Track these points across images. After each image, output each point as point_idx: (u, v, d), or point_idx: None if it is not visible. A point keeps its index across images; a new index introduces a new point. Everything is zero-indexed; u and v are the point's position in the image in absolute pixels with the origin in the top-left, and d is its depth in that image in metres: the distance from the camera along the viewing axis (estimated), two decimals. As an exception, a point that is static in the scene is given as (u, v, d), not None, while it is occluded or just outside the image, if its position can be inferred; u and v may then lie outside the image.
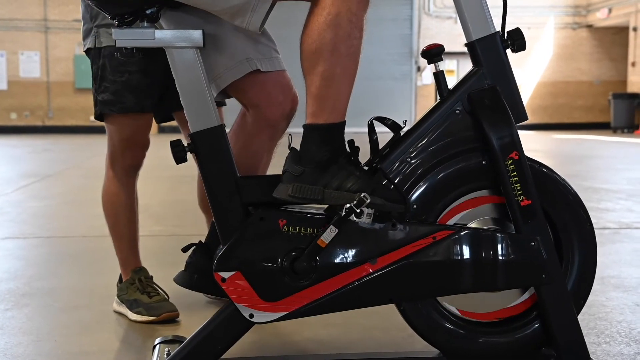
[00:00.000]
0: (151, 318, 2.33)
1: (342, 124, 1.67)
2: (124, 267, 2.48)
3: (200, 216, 2.60)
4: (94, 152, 11.40)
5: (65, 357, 2.05)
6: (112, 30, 1.69)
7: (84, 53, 2.43)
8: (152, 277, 2.49)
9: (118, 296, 2.46)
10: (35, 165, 9.08)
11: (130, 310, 2.38)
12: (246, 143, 2.04)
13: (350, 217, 1.64)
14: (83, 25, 2.38)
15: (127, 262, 2.47)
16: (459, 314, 1.82)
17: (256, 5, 1.64)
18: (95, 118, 2.41)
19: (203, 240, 1.93)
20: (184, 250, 1.90)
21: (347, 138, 1.72)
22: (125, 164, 2.41)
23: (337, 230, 1.66)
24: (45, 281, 2.96)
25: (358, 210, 1.63)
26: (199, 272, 1.85)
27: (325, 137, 1.65)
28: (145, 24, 1.68)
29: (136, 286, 2.41)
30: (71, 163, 9.23)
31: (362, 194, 1.63)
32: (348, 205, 1.63)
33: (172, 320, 2.35)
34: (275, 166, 2.26)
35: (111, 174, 2.43)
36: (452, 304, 1.81)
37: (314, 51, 1.62)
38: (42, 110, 19.11)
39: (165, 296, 2.43)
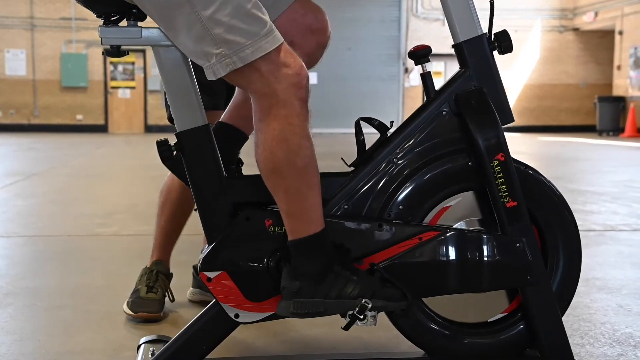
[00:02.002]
0: (129, 312, 2.33)
1: (325, 231, 1.65)
2: (152, 253, 2.51)
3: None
4: (80, 151, 11.35)
5: (48, 357, 2.03)
6: (99, 28, 1.68)
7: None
8: (171, 275, 2.48)
9: (139, 278, 2.47)
10: (21, 164, 9.02)
11: (130, 297, 2.39)
12: None
13: (356, 323, 1.65)
14: None
15: (156, 250, 2.50)
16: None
17: (212, 65, 1.58)
18: (168, 119, 2.40)
19: None
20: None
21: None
22: None
23: None
24: (29, 280, 2.93)
25: (361, 316, 1.64)
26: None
27: (312, 248, 1.64)
28: (132, 22, 1.68)
29: (148, 276, 2.42)
30: (57, 162, 9.18)
31: (363, 300, 1.63)
32: (351, 312, 1.64)
33: (153, 320, 2.33)
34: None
35: None
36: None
37: (271, 170, 1.60)
38: (28, 108, 19.00)
39: (161, 298, 2.40)
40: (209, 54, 1.57)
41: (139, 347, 1.91)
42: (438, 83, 1.73)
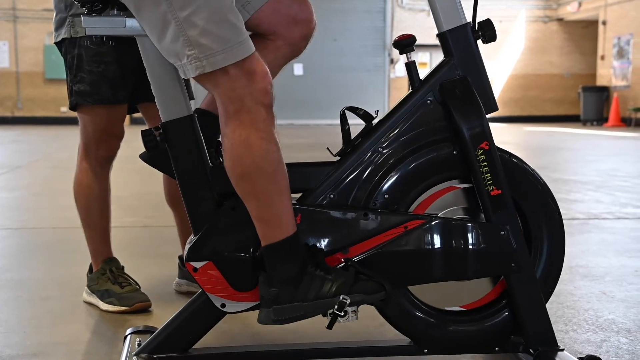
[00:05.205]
0: (123, 308, 2.32)
1: (296, 234, 1.66)
2: (94, 258, 2.46)
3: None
4: (64, 143, 11.28)
5: (35, 348, 2.03)
6: (82, 18, 1.67)
7: (54, 44, 2.40)
8: (123, 267, 2.47)
9: (88, 286, 2.45)
10: (5, 157, 8.96)
11: (102, 300, 2.37)
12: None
13: (338, 320, 1.65)
14: (56, 15, 2.35)
15: (98, 252, 2.45)
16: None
17: (183, 65, 1.58)
18: (70, 108, 2.39)
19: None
20: None
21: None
22: (100, 155, 2.39)
23: None
24: (14, 273, 2.92)
25: (342, 313, 1.65)
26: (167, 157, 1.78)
27: (286, 253, 1.65)
28: (115, 11, 1.67)
29: (107, 276, 2.40)
30: (41, 154, 9.12)
31: (341, 297, 1.64)
32: (330, 310, 1.65)
33: (145, 310, 2.34)
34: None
35: (84, 165, 2.40)
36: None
37: (240, 176, 1.61)
38: (11, 100, 18.85)
39: (137, 286, 2.42)
40: (181, 54, 1.58)
41: (125, 337, 1.91)
42: (423, 74, 1.73)
